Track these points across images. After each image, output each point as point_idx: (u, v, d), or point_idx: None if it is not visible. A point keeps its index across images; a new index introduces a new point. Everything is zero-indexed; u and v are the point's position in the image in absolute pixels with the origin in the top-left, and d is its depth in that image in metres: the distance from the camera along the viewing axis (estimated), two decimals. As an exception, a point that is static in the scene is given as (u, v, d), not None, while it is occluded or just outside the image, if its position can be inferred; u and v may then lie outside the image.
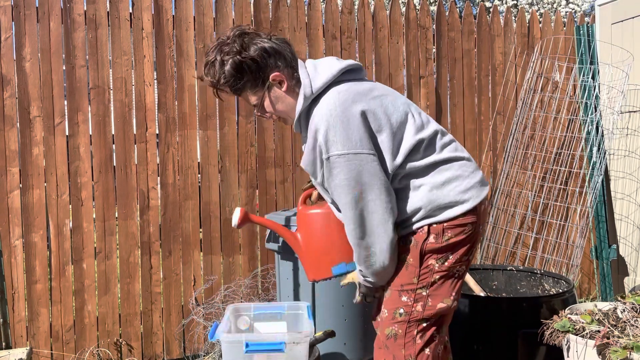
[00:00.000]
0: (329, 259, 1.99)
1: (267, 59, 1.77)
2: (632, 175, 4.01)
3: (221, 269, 3.45)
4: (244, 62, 1.75)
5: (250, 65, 1.76)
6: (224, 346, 2.07)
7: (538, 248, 4.06)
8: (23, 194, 3.12)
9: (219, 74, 1.78)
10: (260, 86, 1.81)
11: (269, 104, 1.84)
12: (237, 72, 1.77)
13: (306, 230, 2.04)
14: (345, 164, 1.71)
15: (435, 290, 1.83)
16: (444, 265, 1.82)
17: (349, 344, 2.73)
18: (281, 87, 1.81)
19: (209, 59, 1.80)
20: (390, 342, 1.86)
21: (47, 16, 3.13)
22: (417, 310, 1.82)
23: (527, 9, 9.92)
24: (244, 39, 1.77)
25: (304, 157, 1.82)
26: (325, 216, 1.98)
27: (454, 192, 1.81)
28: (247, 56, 1.75)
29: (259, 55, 1.76)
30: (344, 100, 1.75)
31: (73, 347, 3.21)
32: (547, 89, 4.15)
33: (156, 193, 3.33)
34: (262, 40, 1.78)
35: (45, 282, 3.16)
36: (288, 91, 1.82)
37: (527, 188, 4.10)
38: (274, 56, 1.78)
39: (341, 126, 1.71)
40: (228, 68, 1.76)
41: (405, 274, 1.84)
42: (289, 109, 1.85)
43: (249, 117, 3.49)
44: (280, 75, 1.79)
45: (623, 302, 2.46)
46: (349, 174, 1.72)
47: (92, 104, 3.22)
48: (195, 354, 3.35)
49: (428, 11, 3.92)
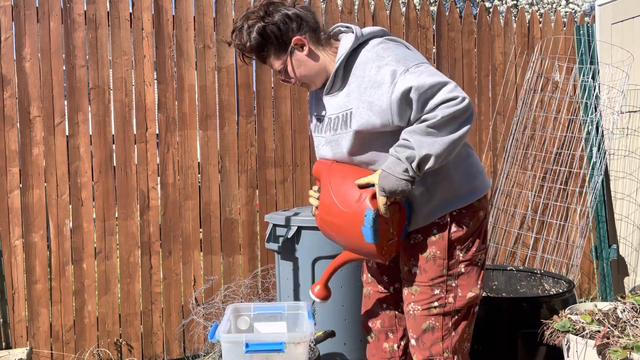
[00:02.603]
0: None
1: (289, 24, 1.83)
2: (632, 175, 4.01)
3: (221, 269, 3.45)
4: (267, 27, 1.82)
5: (273, 31, 1.82)
6: (224, 346, 2.07)
7: (538, 248, 4.06)
8: (23, 194, 3.12)
9: (245, 39, 1.85)
10: (283, 51, 1.86)
11: (292, 68, 1.88)
12: (262, 38, 1.83)
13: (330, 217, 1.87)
14: (424, 67, 1.75)
15: (463, 280, 1.87)
16: (467, 254, 1.86)
17: (349, 344, 2.73)
18: (303, 50, 1.85)
19: (236, 25, 1.88)
20: (428, 336, 1.88)
21: (47, 16, 3.13)
22: (449, 302, 1.86)
23: (527, 9, 9.92)
24: (269, 7, 1.84)
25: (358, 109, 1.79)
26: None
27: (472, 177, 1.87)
28: (269, 22, 1.82)
29: (281, 21, 1.82)
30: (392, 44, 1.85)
31: (73, 347, 3.22)
32: (547, 89, 4.15)
33: (156, 193, 3.33)
34: (286, 7, 1.85)
35: (45, 282, 3.16)
36: (310, 55, 1.86)
37: (527, 188, 4.10)
38: (296, 21, 1.84)
39: (400, 47, 1.82)
40: (253, 34, 1.83)
41: (433, 267, 1.86)
42: (312, 73, 1.89)
43: (249, 117, 3.50)
44: (302, 40, 1.84)
45: (623, 302, 2.46)
46: (433, 72, 1.74)
47: (92, 104, 3.22)
48: (195, 354, 3.35)
49: (428, 11, 3.92)
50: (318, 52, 1.88)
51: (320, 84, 1.92)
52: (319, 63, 1.88)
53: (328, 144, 1.92)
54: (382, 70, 1.75)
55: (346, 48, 1.84)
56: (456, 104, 1.68)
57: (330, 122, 1.91)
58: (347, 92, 1.84)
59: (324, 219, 1.90)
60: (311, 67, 1.88)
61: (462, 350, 1.93)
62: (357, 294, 2.74)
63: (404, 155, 1.70)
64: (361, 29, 1.88)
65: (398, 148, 1.72)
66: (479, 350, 2.64)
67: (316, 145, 2.02)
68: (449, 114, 1.67)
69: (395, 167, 1.72)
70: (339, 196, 1.83)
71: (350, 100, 1.82)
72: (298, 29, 1.85)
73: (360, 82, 1.80)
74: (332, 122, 1.90)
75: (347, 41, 1.85)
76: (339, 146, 1.87)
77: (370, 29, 1.90)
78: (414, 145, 1.68)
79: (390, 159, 1.74)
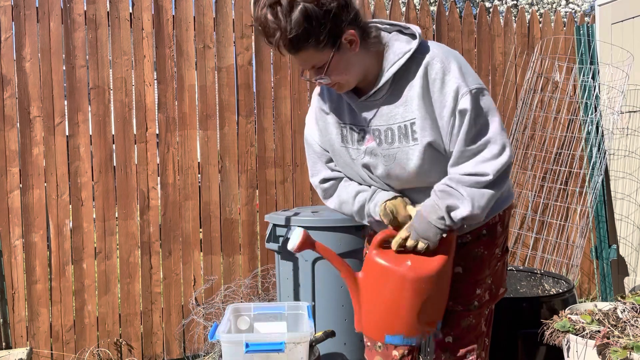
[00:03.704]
0: (387, 324, 1.67)
1: (344, 12, 1.47)
2: (632, 175, 4.01)
3: (221, 269, 3.45)
4: (318, 12, 1.43)
5: (325, 17, 1.44)
6: (224, 346, 2.07)
7: (538, 248, 4.06)
8: (23, 194, 3.12)
9: (283, 21, 1.42)
10: (329, 45, 1.50)
11: (334, 67, 1.54)
12: (307, 23, 1.43)
13: (374, 283, 1.68)
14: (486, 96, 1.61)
15: (497, 277, 1.87)
16: (502, 251, 1.86)
17: (349, 344, 2.73)
18: (352, 48, 1.53)
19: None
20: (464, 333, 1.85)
21: (47, 16, 3.13)
22: (486, 299, 1.85)
23: (527, 9, 9.92)
24: None
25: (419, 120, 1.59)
26: (402, 278, 1.62)
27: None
28: (324, 5, 1.43)
29: (338, 7, 1.45)
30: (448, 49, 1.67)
31: (73, 347, 3.22)
32: (547, 89, 4.15)
33: (156, 193, 3.33)
34: None
35: (45, 282, 3.16)
36: (358, 54, 1.56)
37: (527, 188, 4.10)
38: (351, 10, 1.50)
39: (467, 63, 1.63)
40: (297, 15, 1.42)
41: (479, 267, 1.81)
42: (354, 76, 1.59)
43: (249, 117, 3.49)
44: (355, 35, 1.51)
45: (623, 302, 2.46)
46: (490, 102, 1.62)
47: (92, 104, 3.22)
48: (195, 354, 3.35)
49: (428, 11, 3.92)
50: (364, 51, 1.57)
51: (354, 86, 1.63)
52: (364, 65, 1.59)
53: (375, 156, 1.68)
54: (447, 84, 1.56)
55: (403, 51, 1.58)
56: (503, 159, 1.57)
57: (379, 134, 1.65)
58: (403, 100, 1.60)
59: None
60: (356, 68, 1.58)
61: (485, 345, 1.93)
62: (357, 294, 2.74)
63: (444, 204, 1.57)
64: (414, 30, 1.63)
65: (440, 193, 1.59)
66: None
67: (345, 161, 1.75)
68: (498, 171, 1.56)
69: (432, 213, 1.59)
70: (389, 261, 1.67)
71: (411, 109, 1.59)
72: (354, 21, 1.51)
73: (421, 92, 1.58)
74: (384, 134, 1.64)
75: (405, 45, 1.60)
76: (399, 161, 1.64)
77: (417, 29, 1.65)
78: (457, 194, 1.57)
79: (430, 201, 1.61)
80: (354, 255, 2.69)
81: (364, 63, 1.59)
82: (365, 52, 1.58)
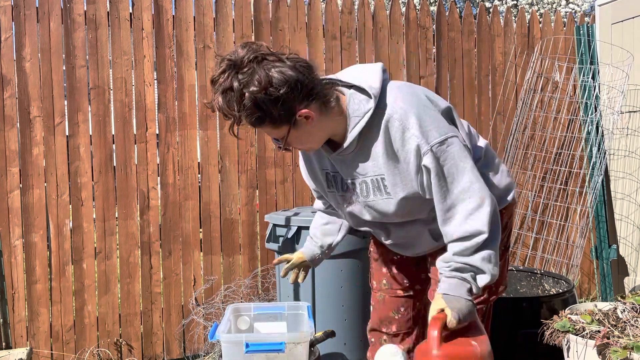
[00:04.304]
0: None
1: (294, 94, 1.50)
2: (632, 175, 4.01)
3: (221, 269, 3.45)
4: (268, 99, 1.48)
5: (275, 103, 1.49)
6: (224, 346, 2.07)
7: (538, 248, 4.06)
8: (23, 194, 3.12)
9: (236, 108, 1.50)
10: (285, 123, 1.55)
11: (293, 140, 1.60)
12: (259, 110, 1.50)
13: None
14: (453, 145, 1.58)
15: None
16: (502, 250, 1.86)
17: (349, 344, 2.73)
18: (307, 122, 1.56)
19: (223, 85, 1.50)
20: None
21: (47, 16, 3.13)
22: (484, 297, 1.86)
23: (527, 9, 9.92)
24: (264, 67, 1.48)
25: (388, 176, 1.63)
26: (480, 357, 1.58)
27: (505, 174, 1.85)
28: (272, 93, 1.47)
29: (286, 92, 1.48)
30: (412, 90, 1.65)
31: (73, 347, 3.21)
32: (547, 89, 4.15)
33: (156, 193, 3.33)
34: (285, 69, 1.49)
35: (45, 282, 3.16)
36: (316, 125, 1.58)
37: (527, 188, 4.10)
38: (302, 89, 1.51)
39: (429, 112, 1.59)
40: (248, 104, 1.49)
41: None
42: (316, 142, 1.65)
43: (249, 117, 3.49)
44: (308, 112, 1.54)
45: (623, 302, 2.46)
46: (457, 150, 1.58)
47: (92, 104, 3.22)
48: (195, 354, 3.35)
49: (428, 11, 3.92)
50: (323, 119, 1.59)
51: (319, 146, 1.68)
52: (324, 131, 1.62)
53: (358, 204, 1.76)
54: (407, 142, 1.57)
55: (363, 112, 1.59)
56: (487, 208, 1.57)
57: (354, 187, 1.72)
58: (371, 157, 1.64)
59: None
60: (317, 136, 1.62)
61: None
62: (357, 294, 2.74)
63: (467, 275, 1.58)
64: (371, 85, 1.61)
65: (455, 272, 1.59)
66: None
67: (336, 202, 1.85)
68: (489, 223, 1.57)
69: (459, 289, 1.58)
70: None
71: (378, 166, 1.63)
72: (305, 98, 1.52)
73: (385, 150, 1.61)
74: (359, 187, 1.71)
75: (364, 104, 1.60)
76: (381, 209, 1.71)
77: (377, 79, 1.62)
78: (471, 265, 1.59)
79: (448, 282, 1.59)
80: (354, 255, 2.69)
81: (326, 128, 1.62)
82: (326, 118, 1.60)
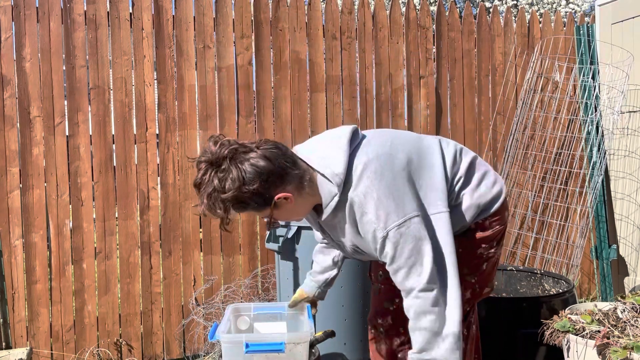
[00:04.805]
0: None
1: (268, 184, 1.64)
2: (632, 175, 4.01)
3: (221, 269, 3.45)
4: (245, 195, 1.63)
5: (253, 197, 1.64)
6: (224, 346, 2.07)
7: (538, 248, 4.06)
8: (23, 194, 3.12)
9: (219, 206, 1.64)
10: (266, 207, 1.69)
11: (278, 216, 1.75)
12: (240, 203, 1.65)
13: None
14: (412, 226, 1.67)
15: (482, 276, 1.92)
16: (490, 252, 1.91)
17: (349, 344, 2.73)
18: (287, 202, 1.70)
19: (207, 190, 1.63)
20: None
21: (47, 16, 3.13)
22: (467, 297, 1.89)
23: (527, 9, 9.92)
24: (237, 161, 1.62)
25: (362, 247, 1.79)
26: None
27: (489, 187, 1.88)
28: (248, 190, 1.62)
29: (260, 186, 1.63)
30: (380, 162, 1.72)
31: (73, 347, 3.21)
32: (547, 89, 4.15)
33: (156, 193, 3.33)
34: (258, 160, 1.63)
35: (45, 282, 3.16)
36: (295, 203, 1.72)
37: (527, 188, 4.10)
38: (275, 177, 1.65)
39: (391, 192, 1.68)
40: (228, 203, 1.63)
41: None
42: (299, 216, 1.81)
43: (249, 117, 3.50)
44: (286, 194, 1.68)
45: (623, 302, 2.46)
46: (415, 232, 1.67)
47: (92, 104, 3.22)
48: (195, 354, 3.35)
49: (428, 11, 3.92)
50: (303, 196, 1.73)
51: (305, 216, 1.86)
52: (306, 206, 1.78)
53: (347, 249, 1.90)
54: (365, 226, 1.70)
55: (331, 195, 1.72)
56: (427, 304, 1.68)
57: (341, 245, 1.90)
58: (346, 231, 1.80)
59: None
60: (299, 211, 1.78)
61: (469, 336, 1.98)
62: (357, 294, 2.74)
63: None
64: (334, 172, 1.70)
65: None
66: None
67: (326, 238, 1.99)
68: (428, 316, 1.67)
69: None
70: None
71: (350, 239, 1.80)
72: (280, 184, 1.67)
73: (353, 228, 1.76)
74: (343, 245, 1.88)
75: (331, 186, 1.72)
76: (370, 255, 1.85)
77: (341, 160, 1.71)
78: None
79: None
80: (354, 255, 2.69)
81: (306, 204, 1.76)
82: (305, 195, 1.73)
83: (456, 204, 1.83)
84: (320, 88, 3.64)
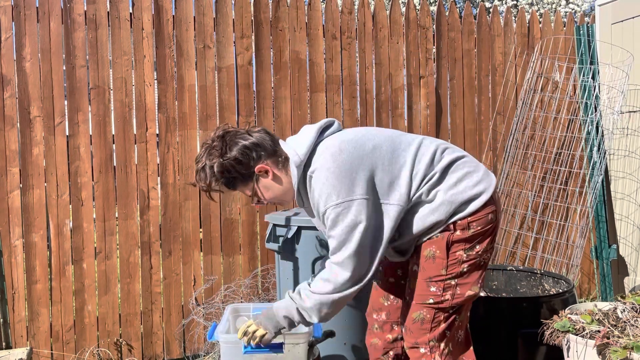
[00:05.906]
0: None
1: (249, 154, 1.90)
2: (632, 175, 4.01)
3: (221, 269, 3.45)
4: (227, 163, 1.88)
5: (234, 165, 1.89)
6: (223, 346, 2.07)
7: (538, 248, 4.06)
8: (23, 194, 3.12)
9: (209, 178, 1.91)
10: (249, 179, 1.93)
11: (261, 193, 1.97)
12: (225, 172, 1.90)
13: None
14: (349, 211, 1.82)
15: (464, 279, 1.92)
16: (471, 254, 1.90)
17: (349, 344, 2.73)
18: (267, 176, 1.93)
19: (199, 166, 1.93)
20: (416, 326, 1.94)
21: (47, 16, 3.13)
22: (446, 299, 1.91)
23: (527, 9, 9.92)
24: (225, 139, 1.91)
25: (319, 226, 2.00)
26: None
27: (469, 187, 1.90)
28: (229, 157, 1.88)
29: (240, 154, 1.89)
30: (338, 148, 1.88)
31: (73, 347, 3.22)
32: (547, 89, 4.15)
33: (156, 193, 3.33)
34: (243, 137, 1.91)
35: (45, 282, 3.16)
36: (275, 179, 1.94)
37: (527, 188, 4.10)
38: (255, 150, 1.90)
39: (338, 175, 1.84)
40: (216, 171, 1.89)
41: (432, 266, 1.91)
42: (280, 193, 1.98)
43: (249, 117, 3.50)
44: (264, 166, 1.92)
45: (623, 302, 2.46)
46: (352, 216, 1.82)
47: (92, 104, 3.22)
48: (195, 354, 3.35)
49: (428, 11, 3.92)
50: (281, 174, 1.95)
51: (291, 200, 2.02)
52: (283, 185, 1.96)
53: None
54: (312, 200, 1.92)
55: (295, 178, 1.93)
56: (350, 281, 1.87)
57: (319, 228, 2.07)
58: (312, 208, 1.97)
59: None
60: (278, 189, 1.96)
61: (454, 338, 1.98)
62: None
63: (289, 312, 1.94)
64: (297, 152, 1.92)
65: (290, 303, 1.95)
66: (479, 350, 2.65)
67: None
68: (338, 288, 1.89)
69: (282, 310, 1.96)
70: None
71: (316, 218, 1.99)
72: (258, 157, 1.91)
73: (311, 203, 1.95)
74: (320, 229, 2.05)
75: (293, 171, 1.93)
76: None
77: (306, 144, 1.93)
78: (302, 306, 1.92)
79: (284, 302, 1.97)
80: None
81: (286, 182, 1.95)
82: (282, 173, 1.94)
83: (427, 200, 1.89)
84: (320, 88, 3.64)
